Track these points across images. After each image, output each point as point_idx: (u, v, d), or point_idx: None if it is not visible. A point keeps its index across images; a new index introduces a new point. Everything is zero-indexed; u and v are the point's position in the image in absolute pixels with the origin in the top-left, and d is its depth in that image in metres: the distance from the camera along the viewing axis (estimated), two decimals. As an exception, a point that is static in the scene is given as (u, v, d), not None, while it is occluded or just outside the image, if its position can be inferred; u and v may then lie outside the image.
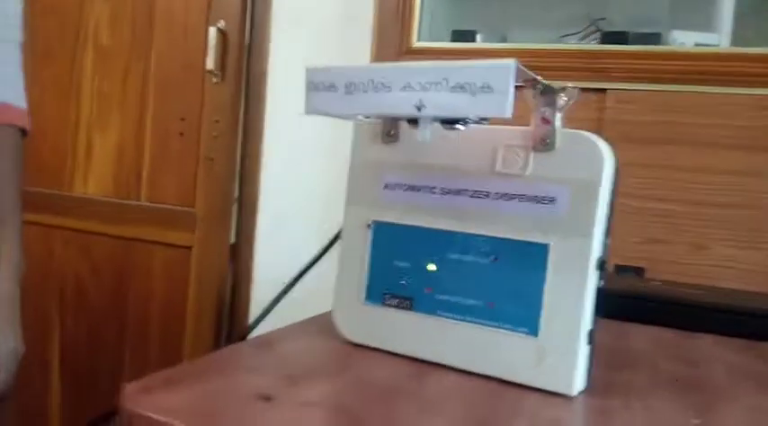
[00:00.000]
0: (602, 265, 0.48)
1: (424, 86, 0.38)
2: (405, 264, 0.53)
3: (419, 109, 0.39)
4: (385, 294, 0.54)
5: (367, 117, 0.54)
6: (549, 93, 0.47)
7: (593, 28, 1.20)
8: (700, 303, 0.79)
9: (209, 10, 1.45)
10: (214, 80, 1.45)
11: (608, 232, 0.50)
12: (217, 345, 1.49)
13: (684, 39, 1.10)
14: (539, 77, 0.43)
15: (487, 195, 0.50)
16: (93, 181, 1.63)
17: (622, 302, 0.81)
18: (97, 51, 1.61)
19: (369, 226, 0.54)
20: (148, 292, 1.58)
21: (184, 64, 1.50)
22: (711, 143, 1.08)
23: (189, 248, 1.53)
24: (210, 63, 1.42)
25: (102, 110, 1.61)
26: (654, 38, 1.09)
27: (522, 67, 0.38)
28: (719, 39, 1.11)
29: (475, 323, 0.50)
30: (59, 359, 1.68)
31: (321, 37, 1.38)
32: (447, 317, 0.51)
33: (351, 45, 1.33)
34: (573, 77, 1.11)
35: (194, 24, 1.47)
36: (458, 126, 0.40)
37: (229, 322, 1.53)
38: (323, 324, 0.59)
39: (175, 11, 1.51)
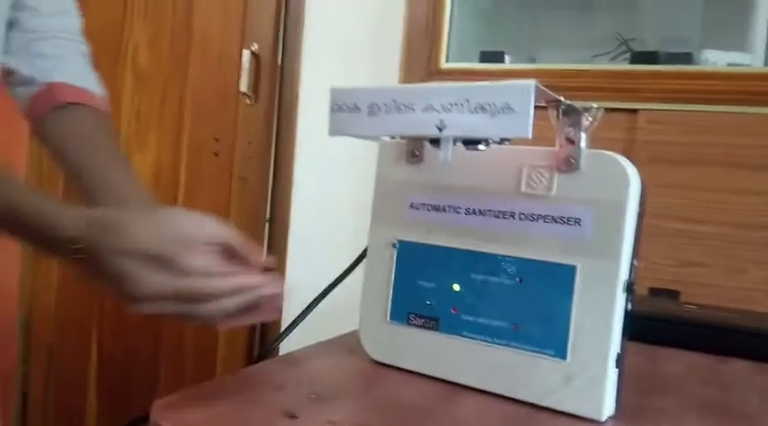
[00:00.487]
0: (629, 288, 0.48)
1: (445, 107, 0.39)
2: (430, 284, 0.53)
3: (440, 129, 0.39)
4: (410, 313, 0.54)
5: (393, 137, 0.55)
6: (572, 113, 0.47)
7: (623, 48, 1.19)
8: (734, 327, 0.77)
9: (243, 33, 1.49)
10: (248, 102, 1.48)
11: (636, 254, 0.49)
12: (248, 362, 1.50)
13: (716, 59, 1.09)
14: (561, 98, 0.43)
15: (512, 216, 0.50)
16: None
17: (655, 326, 0.79)
18: (136, 73, 1.66)
19: (394, 245, 0.55)
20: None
21: (219, 86, 1.54)
22: (745, 164, 1.06)
23: (222, 266, 1.55)
24: (244, 85, 1.45)
25: (141, 130, 1.66)
26: (685, 57, 1.09)
27: (543, 88, 0.39)
28: (752, 58, 1.09)
29: (501, 345, 0.50)
30: (96, 372, 1.72)
31: (352, 59, 1.40)
32: (472, 338, 0.51)
33: (381, 67, 1.35)
34: (603, 98, 1.11)
35: (229, 47, 1.51)
36: (480, 147, 0.41)
37: (261, 340, 1.55)
38: (350, 343, 0.59)
39: (211, 33, 1.56)
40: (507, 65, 1.23)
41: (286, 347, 0.60)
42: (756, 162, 1.06)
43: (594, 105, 0.50)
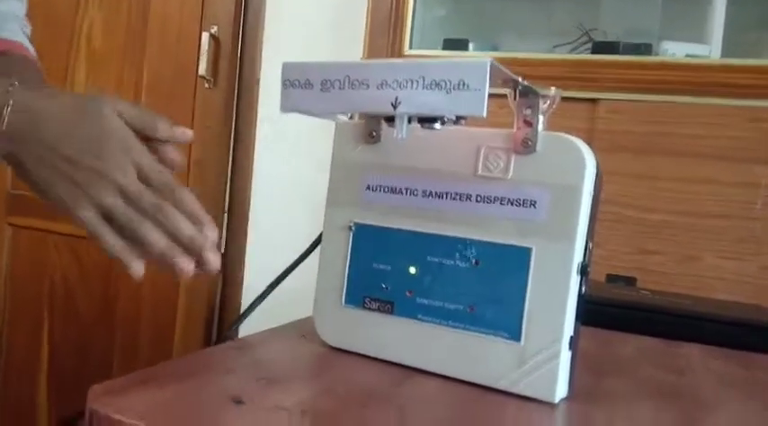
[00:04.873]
0: (584, 270, 0.48)
1: (400, 84, 0.38)
2: (385, 267, 0.52)
3: (395, 107, 0.38)
4: (365, 297, 0.53)
5: (351, 116, 0.54)
6: (530, 95, 0.46)
7: (584, 38, 1.20)
8: (687, 312, 0.78)
9: (202, 15, 1.45)
10: (206, 86, 1.44)
11: (591, 237, 0.49)
12: (205, 351, 1.47)
13: (675, 50, 1.10)
14: (519, 78, 0.43)
15: (469, 198, 0.49)
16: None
17: (610, 311, 0.80)
18: (90, 57, 1.60)
19: (350, 227, 0.54)
20: (137, 298, 1.56)
21: (177, 69, 1.50)
22: (702, 154, 1.08)
23: (179, 254, 1.52)
24: (203, 69, 1.41)
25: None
26: (645, 48, 1.10)
27: (500, 66, 0.38)
28: (710, 50, 1.11)
29: (456, 327, 0.49)
30: (48, 361, 1.67)
31: (313, 43, 1.38)
32: (428, 321, 0.50)
33: (343, 52, 1.33)
34: (564, 87, 1.09)
35: (188, 30, 1.47)
36: (435, 125, 0.40)
37: (219, 327, 1.52)
38: (305, 328, 0.58)
39: (170, 15, 1.51)
40: (471, 53, 1.22)
41: (247, 334, 0.59)
42: (713, 152, 1.08)
43: (553, 89, 0.50)
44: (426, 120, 0.39)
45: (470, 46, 1.23)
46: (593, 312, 0.81)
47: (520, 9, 1.34)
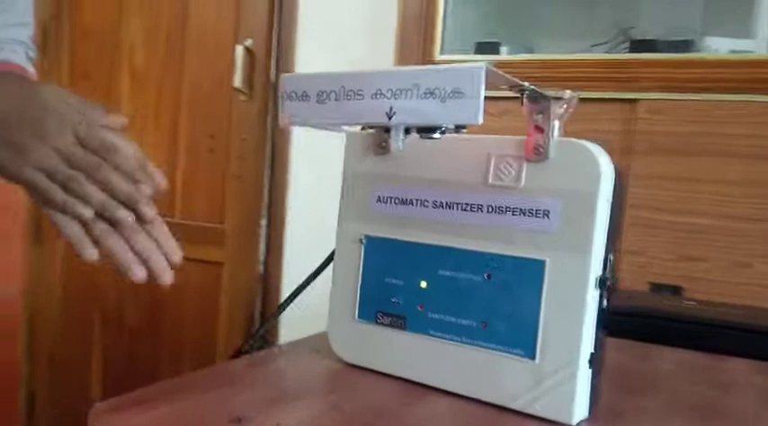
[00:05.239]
0: (603, 283, 0.45)
1: (394, 93, 0.36)
2: (397, 281, 0.51)
3: (389, 117, 0.37)
4: (378, 312, 0.52)
5: (363, 128, 0.53)
6: (541, 100, 0.44)
7: (622, 37, 1.15)
8: (734, 324, 0.74)
9: (236, 29, 1.47)
10: (242, 98, 1.46)
11: (613, 248, 0.46)
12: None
13: (718, 46, 1.05)
14: (525, 83, 0.41)
15: (480, 208, 0.47)
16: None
17: (649, 323, 0.77)
18: (132, 71, 1.65)
19: (361, 241, 0.52)
20: (181, 307, 1.59)
21: (214, 82, 1.52)
22: (748, 154, 1.02)
23: (220, 264, 1.54)
24: (237, 81, 1.43)
25: (138, 129, 1.65)
26: (686, 45, 1.05)
27: (499, 72, 0.36)
28: (756, 45, 1.05)
29: (469, 344, 0.47)
30: (101, 368, 1.71)
31: (346, 52, 1.37)
32: (440, 338, 0.48)
33: (376, 60, 1.32)
34: (602, 88, 1.07)
35: (223, 43, 1.49)
36: (434, 135, 0.38)
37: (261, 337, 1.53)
38: (321, 343, 0.57)
39: (206, 30, 1.54)
40: (502, 56, 1.19)
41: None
42: (760, 152, 1.02)
43: (568, 92, 0.47)
44: (425, 130, 0.38)
45: (503, 49, 1.20)
46: (631, 324, 0.78)
47: (555, 9, 1.30)
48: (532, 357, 0.45)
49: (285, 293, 1.50)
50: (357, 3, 1.36)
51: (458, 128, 0.37)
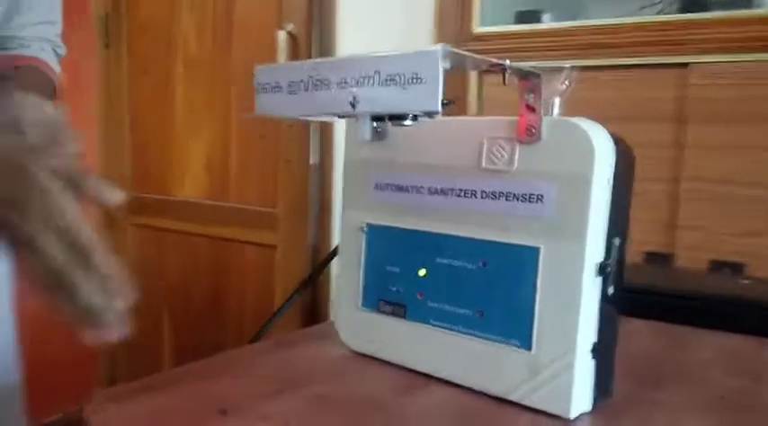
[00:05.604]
0: (604, 269, 0.42)
1: (357, 81, 0.35)
2: (396, 269, 0.50)
3: (353, 106, 0.36)
4: (380, 300, 0.51)
5: (342, 116, 0.51)
6: (531, 77, 0.41)
7: (673, -3, 1.08)
8: (786, 304, 0.68)
9: (278, 14, 1.48)
10: (287, 82, 1.47)
11: (618, 233, 0.44)
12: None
13: (778, 1, 0.96)
14: (505, 62, 0.38)
15: (474, 194, 0.45)
16: (190, 185, 1.73)
17: (692, 305, 0.72)
18: (186, 62, 1.69)
19: (362, 229, 0.52)
20: (242, 288, 1.65)
21: (261, 68, 1.54)
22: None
23: (273, 247, 1.57)
24: (281, 66, 1.44)
25: (193, 117, 1.70)
26: (741, 2, 0.96)
27: (461, 52, 0.34)
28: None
29: (466, 334, 0.46)
30: (170, 345, 1.80)
31: (386, 32, 1.35)
32: (439, 327, 0.47)
33: (415, 38, 1.30)
34: (651, 52, 1.01)
35: (266, 29, 1.50)
36: (406, 122, 0.37)
37: (313, 312, 1.56)
38: (331, 331, 0.57)
39: (250, 17, 1.55)
40: (545, 24, 1.14)
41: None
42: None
43: (567, 66, 0.44)
44: (396, 117, 0.36)
45: (545, 17, 1.14)
46: (671, 306, 0.74)
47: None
48: (528, 347, 0.43)
49: (335, 275, 1.52)
50: (396, -21, 1.34)
51: (429, 114, 0.35)
